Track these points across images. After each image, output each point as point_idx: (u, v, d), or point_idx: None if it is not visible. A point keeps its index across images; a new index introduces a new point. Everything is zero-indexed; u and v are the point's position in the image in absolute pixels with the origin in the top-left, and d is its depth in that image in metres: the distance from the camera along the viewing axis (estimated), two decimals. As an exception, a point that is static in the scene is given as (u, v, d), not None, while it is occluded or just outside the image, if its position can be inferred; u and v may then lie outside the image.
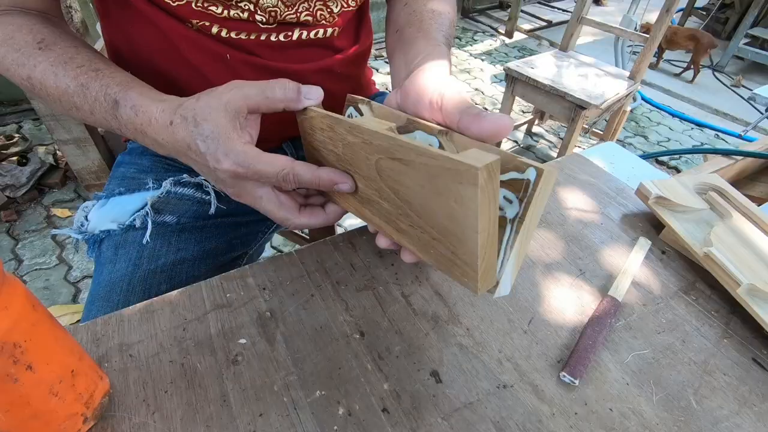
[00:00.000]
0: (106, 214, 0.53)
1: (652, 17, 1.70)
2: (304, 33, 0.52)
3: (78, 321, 1.31)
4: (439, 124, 0.31)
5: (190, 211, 0.54)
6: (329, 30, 0.53)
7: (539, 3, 3.82)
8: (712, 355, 0.35)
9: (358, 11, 0.56)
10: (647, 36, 1.73)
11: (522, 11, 3.46)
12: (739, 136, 2.28)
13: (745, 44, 2.96)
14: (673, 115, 2.61)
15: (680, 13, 3.82)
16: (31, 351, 0.22)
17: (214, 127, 0.33)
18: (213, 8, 0.47)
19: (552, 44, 3.27)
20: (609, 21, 3.12)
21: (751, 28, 2.97)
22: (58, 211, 1.69)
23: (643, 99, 2.73)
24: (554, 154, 2.19)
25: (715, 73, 3.04)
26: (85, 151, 0.67)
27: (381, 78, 2.72)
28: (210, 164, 0.34)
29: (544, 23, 3.52)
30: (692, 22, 3.77)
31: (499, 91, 2.70)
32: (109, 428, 0.28)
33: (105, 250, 0.51)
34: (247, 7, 0.47)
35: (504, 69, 1.85)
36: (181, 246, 0.52)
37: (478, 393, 0.31)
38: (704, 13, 3.60)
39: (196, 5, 0.47)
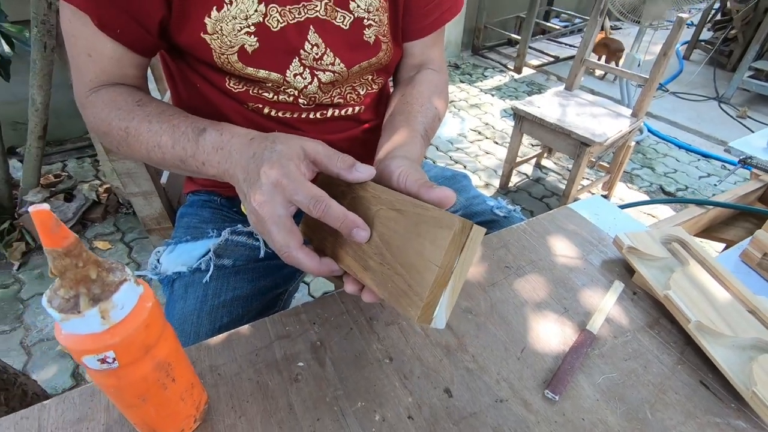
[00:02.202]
0: (176, 258, 0.65)
1: (656, 48, 1.80)
2: (336, 111, 0.65)
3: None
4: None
5: (244, 256, 0.66)
6: (357, 108, 0.66)
7: (546, 39, 3.98)
8: (668, 378, 0.44)
9: (380, 90, 0.69)
10: (646, 77, 1.85)
11: (530, 47, 3.62)
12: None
13: (750, 77, 3.05)
14: (680, 146, 2.69)
15: (685, 45, 3.94)
16: (174, 368, 0.33)
17: (285, 149, 0.39)
18: (266, 94, 0.60)
19: (559, 79, 3.40)
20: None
21: (755, 61, 3.06)
22: (99, 244, 1.84)
23: (650, 131, 2.82)
24: (563, 186, 2.28)
25: (721, 104, 3.12)
26: (150, 201, 0.80)
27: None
28: (262, 169, 0.38)
29: (552, 59, 3.67)
30: (697, 54, 3.88)
31: (508, 125, 2.82)
32: (210, 427, 0.38)
33: (177, 289, 0.62)
34: (292, 93, 0.60)
35: (511, 108, 1.97)
36: (237, 285, 0.63)
37: (480, 405, 0.41)
38: (709, 46, 3.71)
39: (252, 92, 0.60)
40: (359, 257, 0.39)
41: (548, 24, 3.99)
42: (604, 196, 2.23)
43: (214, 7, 0.52)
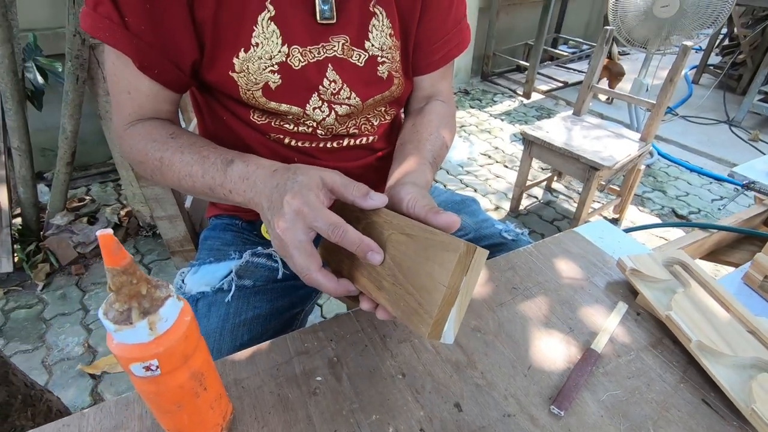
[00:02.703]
0: (200, 279, 0.69)
1: (664, 73, 1.83)
2: (352, 141, 0.69)
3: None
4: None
5: (263, 276, 0.69)
6: (370, 138, 0.70)
7: (555, 65, 4.05)
8: (670, 396, 0.45)
9: (392, 121, 0.73)
10: (653, 102, 1.88)
11: (538, 73, 3.69)
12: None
13: (760, 100, 3.06)
14: (691, 169, 2.69)
15: (694, 70, 3.98)
16: (206, 378, 0.36)
17: (305, 179, 0.43)
18: (287, 126, 0.64)
19: (568, 103, 3.45)
20: (623, 80, 3.26)
21: (764, 85, 3.08)
22: (119, 265, 1.90)
23: (660, 154, 2.83)
24: (573, 209, 2.29)
25: (732, 128, 3.13)
26: (175, 225, 0.84)
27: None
28: (285, 198, 0.42)
29: (560, 84, 3.73)
30: (706, 79, 3.91)
31: (518, 149, 2.86)
32: (235, 437, 0.41)
33: (200, 308, 0.66)
34: (311, 125, 0.64)
35: (520, 133, 2.01)
36: (257, 304, 0.66)
37: (489, 420, 0.43)
38: (718, 71, 3.74)
39: (274, 124, 0.64)
40: (374, 278, 0.42)
41: (556, 51, 4.07)
42: (616, 219, 2.23)
43: (242, 49, 0.57)
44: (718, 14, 2.06)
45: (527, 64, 3.52)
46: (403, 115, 0.78)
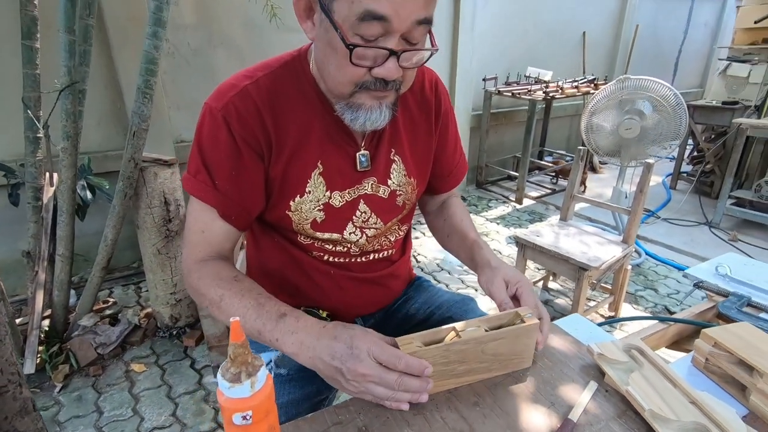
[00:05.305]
0: (243, 368, 0.81)
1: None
2: (376, 255, 0.87)
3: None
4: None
5: (296, 366, 0.82)
6: (389, 251, 0.88)
7: (543, 174, 4.45)
8: (633, 456, 0.57)
9: (404, 237, 0.92)
10: (629, 209, 2.11)
11: (528, 181, 4.04)
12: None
13: (732, 204, 3.34)
14: (679, 269, 2.85)
15: (670, 177, 4.35)
16: (275, 433, 0.49)
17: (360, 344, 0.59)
18: (327, 246, 0.82)
19: (557, 208, 3.73)
20: (605, 186, 3.59)
21: (734, 190, 3.38)
22: (135, 366, 1.96)
23: (648, 254, 3.01)
24: (570, 307, 2.40)
25: (712, 229, 3.36)
26: (216, 323, 0.98)
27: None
28: (354, 342, 0.59)
29: (549, 190, 4.07)
30: (682, 184, 4.26)
31: (514, 250, 3.05)
32: (288, 489, 0.52)
33: (243, 394, 0.78)
34: (347, 245, 0.82)
35: (514, 237, 2.22)
36: (290, 391, 0.78)
37: (488, 475, 0.54)
38: (691, 177, 4.10)
39: (316, 245, 0.82)
40: (475, 371, 0.67)
41: (542, 162, 4.50)
42: (612, 316, 2.33)
43: (298, 195, 0.76)
44: (676, 133, 2.40)
45: (517, 174, 3.89)
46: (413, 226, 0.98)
